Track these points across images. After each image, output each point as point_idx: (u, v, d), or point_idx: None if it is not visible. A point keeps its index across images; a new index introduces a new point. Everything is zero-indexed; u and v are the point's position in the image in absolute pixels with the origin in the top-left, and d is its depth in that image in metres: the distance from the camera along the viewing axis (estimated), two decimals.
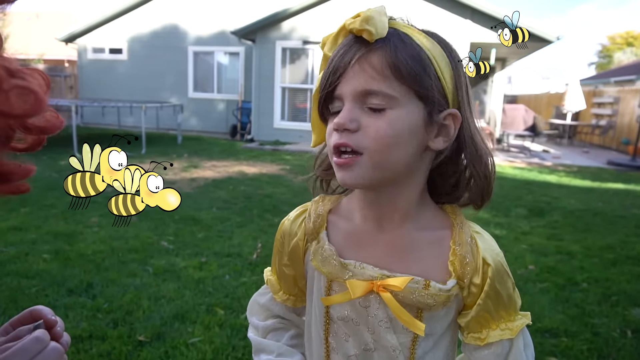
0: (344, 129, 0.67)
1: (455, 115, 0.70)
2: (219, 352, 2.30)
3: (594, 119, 14.89)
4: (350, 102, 0.67)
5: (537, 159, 10.46)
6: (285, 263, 0.85)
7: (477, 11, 9.85)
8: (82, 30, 13.92)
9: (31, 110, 0.37)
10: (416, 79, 0.65)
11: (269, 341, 0.86)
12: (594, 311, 2.93)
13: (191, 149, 9.56)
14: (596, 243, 4.34)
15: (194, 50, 13.34)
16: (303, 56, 11.25)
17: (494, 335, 0.73)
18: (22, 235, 3.84)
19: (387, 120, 0.66)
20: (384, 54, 0.65)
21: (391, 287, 0.70)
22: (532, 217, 5.26)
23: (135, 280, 3.08)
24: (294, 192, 5.96)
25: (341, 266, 0.75)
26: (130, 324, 2.52)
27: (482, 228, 0.79)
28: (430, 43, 0.69)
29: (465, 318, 0.74)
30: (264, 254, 3.65)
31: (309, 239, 0.81)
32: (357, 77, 0.66)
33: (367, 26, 0.64)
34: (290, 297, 0.88)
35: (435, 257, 0.74)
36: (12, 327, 0.58)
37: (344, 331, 0.77)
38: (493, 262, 0.72)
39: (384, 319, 0.74)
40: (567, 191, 6.90)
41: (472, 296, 0.73)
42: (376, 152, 0.66)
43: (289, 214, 0.86)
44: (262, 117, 11.41)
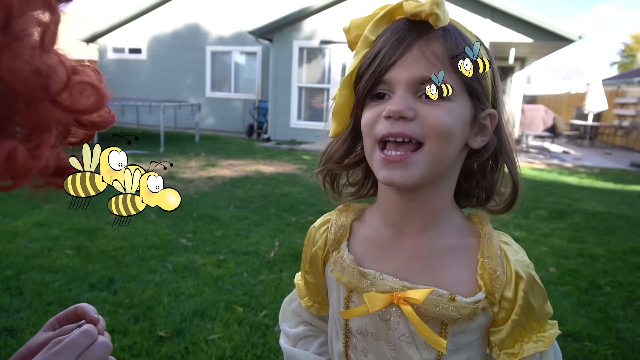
0: (399, 117, 0.62)
1: (494, 115, 0.69)
2: (238, 349, 2.31)
3: (616, 120, 14.57)
4: (403, 90, 0.63)
5: (557, 160, 10.27)
6: (306, 270, 0.84)
7: (497, 10, 9.72)
8: (103, 31, 14.17)
9: (95, 106, 0.39)
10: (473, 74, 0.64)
11: (299, 350, 0.85)
12: (618, 315, 2.86)
13: (208, 147, 9.64)
14: (620, 246, 4.24)
15: (211, 50, 13.46)
16: (320, 56, 11.25)
17: (528, 349, 0.69)
18: (45, 231, 3.92)
19: (445, 109, 0.63)
20: (445, 43, 0.63)
21: (411, 299, 0.66)
22: (552, 219, 5.16)
23: (155, 277, 3.12)
24: (311, 191, 5.96)
25: (360, 275, 0.72)
26: (151, 320, 2.55)
27: (501, 230, 0.76)
28: (478, 42, 0.68)
29: (499, 335, 0.70)
30: (282, 253, 3.66)
31: (330, 249, 0.78)
32: (417, 63, 0.62)
33: (438, 10, 0.60)
34: (315, 304, 0.86)
35: (461, 269, 0.70)
36: (58, 322, 0.59)
37: (362, 345, 0.74)
38: (525, 275, 0.69)
39: (406, 334, 0.69)
40: (588, 193, 6.77)
41: (504, 311, 0.69)
42: (435, 142, 0.62)
43: (316, 221, 0.84)
44: (278, 116, 11.45)
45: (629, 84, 16.74)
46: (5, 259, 3.29)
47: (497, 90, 0.70)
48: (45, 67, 0.34)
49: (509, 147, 0.72)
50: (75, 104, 0.37)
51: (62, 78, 0.35)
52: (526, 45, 10.36)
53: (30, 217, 4.27)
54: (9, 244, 3.56)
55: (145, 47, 14.03)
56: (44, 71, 0.34)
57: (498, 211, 0.75)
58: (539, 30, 9.76)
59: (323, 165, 0.78)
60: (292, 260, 3.51)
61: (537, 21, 9.65)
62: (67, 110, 0.37)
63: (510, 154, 0.72)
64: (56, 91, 0.35)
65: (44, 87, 0.34)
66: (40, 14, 0.34)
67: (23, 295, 2.74)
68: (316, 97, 11.46)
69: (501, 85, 0.73)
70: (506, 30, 9.76)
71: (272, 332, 2.48)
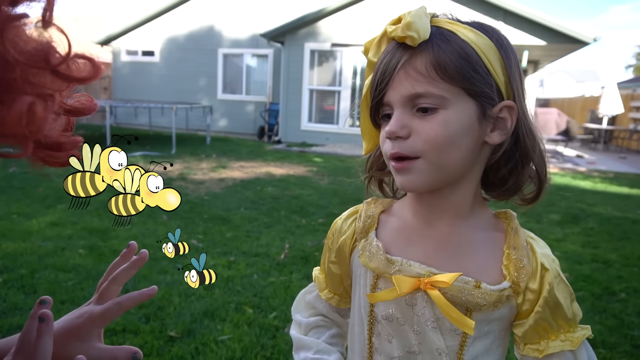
0: (395, 137, 0.67)
1: (511, 107, 0.68)
2: (248, 351, 2.32)
3: (631, 124, 14.33)
4: (399, 108, 0.67)
5: (570, 164, 10.14)
6: (332, 260, 0.85)
7: (510, 12, 9.65)
8: (117, 33, 14.35)
9: (91, 75, 0.43)
10: (463, 76, 0.64)
11: (309, 338, 0.86)
12: (633, 322, 2.81)
13: (219, 149, 9.70)
14: (635, 252, 4.17)
15: (223, 53, 13.56)
16: (331, 58, 11.27)
17: (554, 346, 0.69)
18: (59, 230, 3.97)
19: (438, 121, 0.65)
20: (428, 55, 0.64)
21: (439, 283, 0.68)
22: (565, 224, 5.10)
23: (166, 277, 3.14)
24: (321, 193, 5.97)
25: (387, 262, 0.74)
26: (162, 320, 2.57)
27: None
28: (477, 36, 0.67)
29: (523, 327, 0.71)
30: (292, 255, 3.67)
31: (358, 237, 0.80)
32: (403, 82, 0.65)
33: (410, 32, 0.63)
34: (335, 296, 0.88)
35: (487, 258, 0.71)
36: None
37: (387, 331, 0.75)
38: (551, 268, 0.69)
39: (431, 319, 0.71)
40: (602, 198, 6.67)
41: (528, 303, 0.69)
42: (432, 154, 0.66)
43: (341, 214, 0.86)
44: (289, 118, 11.48)
45: None
46: (19, 257, 3.34)
47: (513, 79, 0.68)
48: (47, 41, 0.39)
49: (531, 137, 0.70)
50: (73, 73, 0.41)
51: (62, 51, 0.40)
52: (539, 48, 10.26)
53: (45, 216, 4.33)
54: (23, 243, 3.61)
55: (158, 50, 14.19)
56: (45, 44, 0.38)
57: (525, 202, 0.74)
58: (552, 32, 9.66)
59: (368, 171, 0.84)
60: (302, 263, 3.51)
61: (551, 23, 9.55)
62: (67, 80, 0.41)
63: (534, 143, 0.71)
64: (56, 63, 0.39)
65: (45, 59, 0.38)
66: None
67: (37, 293, 2.78)
68: (327, 99, 11.47)
69: (521, 72, 0.70)
70: (519, 33, 9.68)
71: (282, 334, 2.48)
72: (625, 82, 18.76)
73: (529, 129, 0.70)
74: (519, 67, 0.70)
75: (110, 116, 9.73)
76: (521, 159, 0.71)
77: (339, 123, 11.25)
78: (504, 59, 0.67)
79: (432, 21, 0.67)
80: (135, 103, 10.39)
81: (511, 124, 0.68)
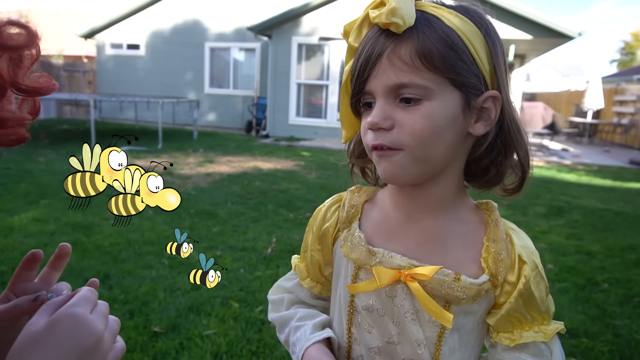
0: (378, 128, 0.65)
1: (496, 97, 0.66)
2: (233, 345, 2.30)
3: (615, 117, 14.55)
4: (382, 98, 0.65)
5: (555, 157, 10.27)
6: (315, 247, 0.84)
7: (496, 6, 9.68)
8: (101, 26, 14.11)
9: (26, 42, 0.42)
10: (449, 66, 0.62)
11: (290, 310, 0.85)
12: (615, 312, 2.86)
13: (207, 144, 9.62)
14: (617, 243, 4.24)
15: (210, 47, 13.41)
16: (319, 52, 11.22)
17: (526, 336, 0.69)
18: (41, 226, 3.91)
19: (422, 114, 0.63)
20: (412, 43, 0.61)
21: (419, 276, 0.67)
22: (550, 216, 5.16)
23: (151, 272, 3.11)
24: (309, 187, 5.95)
25: (369, 253, 0.73)
26: (146, 315, 2.54)
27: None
28: (463, 22, 0.64)
29: (495, 316, 0.71)
30: (279, 249, 3.65)
31: (341, 227, 0.79)
32: (387, 72, 0.63)
33: (394, 19, 0.60)
34: (317, 284, 0.86)
35: (467, 252, 0.71)
36: (13, 294, 0.60)
37: (367, 322, 0.75)
38: (528, 260, 0.69)
39: (410, 310, 0.71)
40: (587, 190, 6.76)
41: (505, 295, 0.70)
42: (415, 148, 0.64)
43: (324, 202, 0.85)
44: (277, 113, 11.43)
45: (629, 82, 16.69)
46: (0, 254, 3.27)
47: (498, 68, 0.66)
48: None
49: (515, 128, 0.69)
50: (5, 40, 0.40)
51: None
52: (526, 42, 10.33)
53: (27, 212, 4.25)
54: (4, 239, 3.54)
55: (143, 43, 13.98)
56: None
57: (508, 192, 0.74)
58: (538, 26, 9.73)
59: (349, 159, 0.83)
60: (289, 257, 3.48)
61: (537, 18, 9.62)
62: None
63: (518, 134, 0.70)
64: None
65: None
66: None
67: None
68: (315, 93, 11.43)
69: (505, 60, 0.68)
70: (505, 27, 9.73)
71: (268, 328, 2.47)
72: (610, 77, 19.02)
73: (512, 119, 0.69)
74: (504, 55, 0.68)
75: (95, 110, 9.59)
76: (504, 149, 0.70)
77: (327, 117, 11.23)
78: (490, 46, 0.65)
79: (417, 5, 0.64)
80: (120, 97, 10.22)
81: (495, 114, 0.67)
